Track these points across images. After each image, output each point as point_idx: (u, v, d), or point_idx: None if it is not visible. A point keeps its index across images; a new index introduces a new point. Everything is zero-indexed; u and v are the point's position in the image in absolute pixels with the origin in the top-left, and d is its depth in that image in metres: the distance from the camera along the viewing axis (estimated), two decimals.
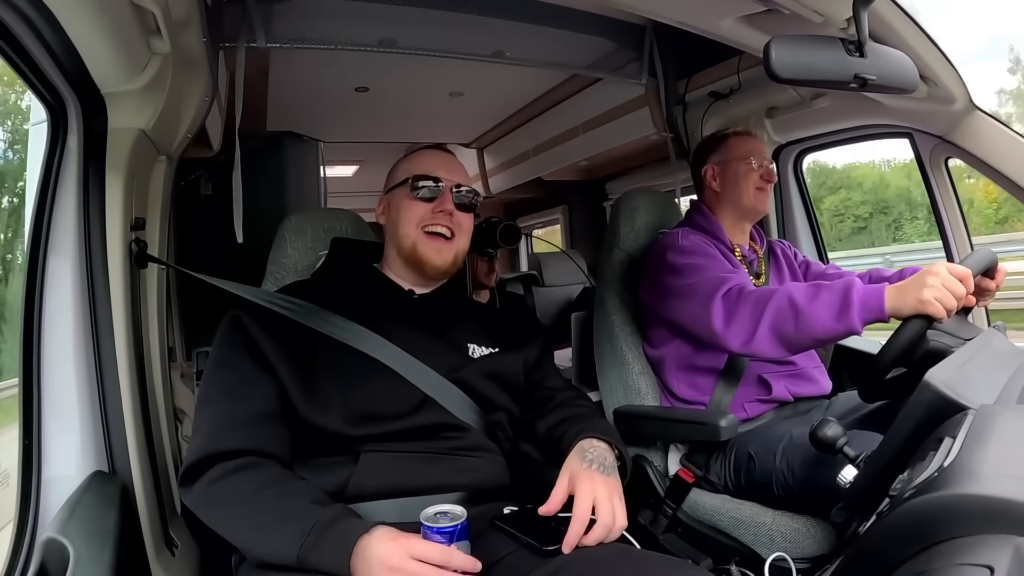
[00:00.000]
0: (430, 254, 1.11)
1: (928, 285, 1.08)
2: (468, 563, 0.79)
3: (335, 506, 0.88)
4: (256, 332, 1.01)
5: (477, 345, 1.15)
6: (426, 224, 1.11)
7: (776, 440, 1.29)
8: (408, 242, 1.12)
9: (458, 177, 1.15)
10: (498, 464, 1.09)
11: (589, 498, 0.89)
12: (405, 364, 1.05)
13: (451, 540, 0.81)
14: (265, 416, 0.97)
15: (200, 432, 0.95)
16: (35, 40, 0.87)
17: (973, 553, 0.56)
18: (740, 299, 1.29)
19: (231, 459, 0.92)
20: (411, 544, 0.79)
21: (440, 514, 0.83)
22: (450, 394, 1.06)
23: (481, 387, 1.10)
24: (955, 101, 1.42)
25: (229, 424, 0.94)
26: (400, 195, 1.14)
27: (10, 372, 1.04)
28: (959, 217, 1.63)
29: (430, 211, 1.11)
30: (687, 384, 1.51)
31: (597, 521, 0.87)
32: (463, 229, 1.14)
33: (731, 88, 1.94)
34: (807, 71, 0.95)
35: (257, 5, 1.57)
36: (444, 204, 1.12)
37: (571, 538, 0.85)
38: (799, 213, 2.08)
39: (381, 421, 1.01)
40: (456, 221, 1.12)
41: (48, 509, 0.95)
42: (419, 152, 1.19)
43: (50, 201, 1.02)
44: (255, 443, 0.94)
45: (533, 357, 1.22)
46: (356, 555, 0.79)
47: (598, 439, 1.03)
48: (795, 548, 1.25)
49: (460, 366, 1.10)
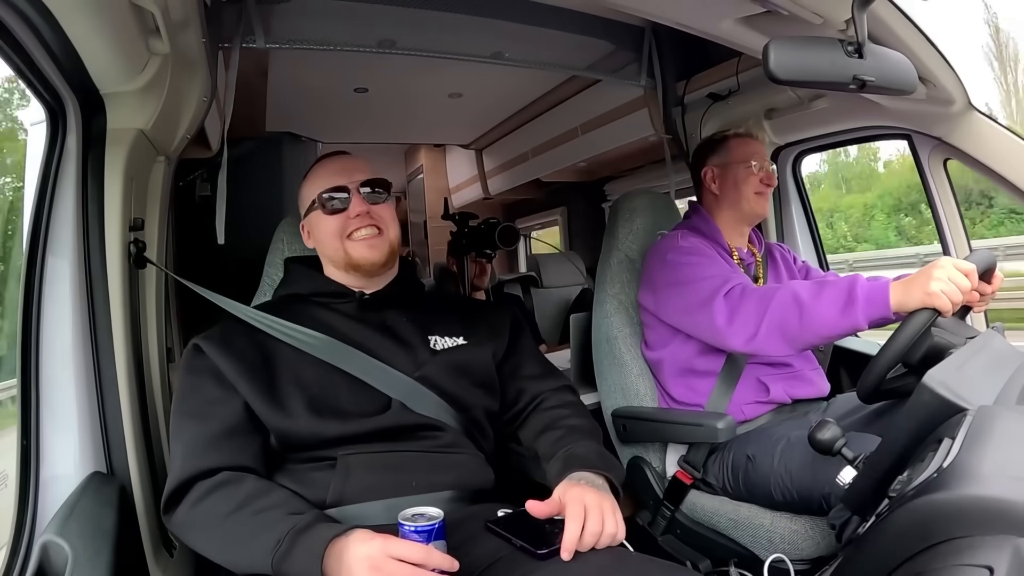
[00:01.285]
0: (363, 254, 1.12)
1: (935, 278, 1.09)
2: (446, 562, 0.79)
3: (310, 512, 0.88)
4: (216, 356, 1.03)
5: (440, 336, 1.15)
6: (348, 232, 1.12)
7: (774, 442, 1.29)
8: (339, 254, 1.13)
9: (361, 174, 1.14)
10: (478, 461, 1.08)
11: (580, 502, 0.88)
12: (366, 368, 1.06)
13: (429, 539, 0.81)
14: (235, 431, 0.98)
15: (175, 459, 0.97)
16: (34, 40, 0.87)
17: (972, 554, 0.56)
18: (743, 297, 1.28)
19: (209, 477, 0.93)
20: (389, 544, 0.79)
21: (417, 515, 0.84)
22: (417, 394, 1.06)
23: (448, 384, 1.09)
24: (954, 103, 1.42)
25: (202, 445, 0.96)
26: (315, 217, 1.15)
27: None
28: (958, 218, 1.63)
29: (347, 219, 1.12)
30: (685, 387, 1.51)
31: (585, 527, 0.86)
32: (387, 220, 1.14)
33: (730, 89, 1.93)
34: (806, 72, 0.95)
35: (256, 6, 1.57)
36: (357, 208, 1.11)
37: (568, 542, 0.84)
38: (798, 215, 2.08)
39: (349, 420, 1.02)
40: (376, 216, 1.12)
41: (46, 510, 0.95)
42: (315, 168, 1.20)
43: (48, 201, 1.02)
44: (229, 459, 0.95)
45: (503, 347, 1.20)
46: (330, 558, 0.79)
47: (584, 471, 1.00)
48: (794, 549, 1.25)
49: (423, 362, 1.10)
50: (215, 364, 1.02)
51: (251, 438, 1.00)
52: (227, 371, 1.01)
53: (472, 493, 1.05)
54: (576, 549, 0.84)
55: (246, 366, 1.02)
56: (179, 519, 0.93)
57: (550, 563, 0.83)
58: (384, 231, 1.13)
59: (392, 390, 1.06)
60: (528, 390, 1.19)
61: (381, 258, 1.13)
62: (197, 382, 1.02)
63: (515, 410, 1.19)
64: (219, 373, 1.02)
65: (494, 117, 3.11)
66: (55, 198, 1.02)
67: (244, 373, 1.01)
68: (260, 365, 1.04)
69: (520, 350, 1.23)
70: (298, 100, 2.52)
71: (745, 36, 1.31)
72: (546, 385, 1.20)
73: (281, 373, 1.04)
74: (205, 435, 0.97)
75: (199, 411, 0.99)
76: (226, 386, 1.01)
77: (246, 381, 1.01)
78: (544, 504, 0.91)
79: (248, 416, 1.00)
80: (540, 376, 1.21)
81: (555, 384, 1.21)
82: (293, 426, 1.00)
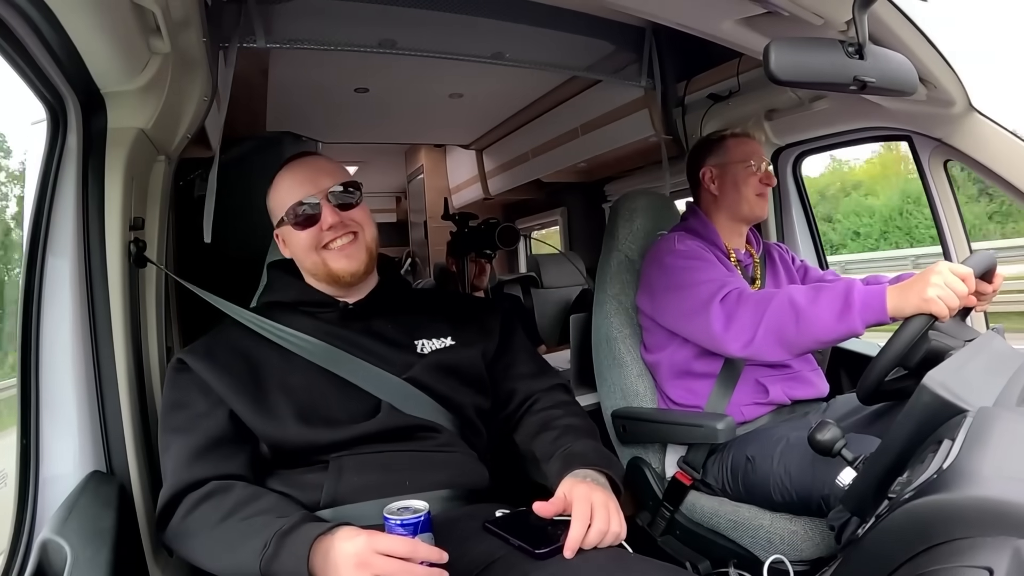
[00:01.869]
0: (342, 265, 1.10)
1: (931, 283, 1.08)
2: (433, 554, 0.79)
3: (296, 514, 0.88)
4: (201, 370, 1.02)
5: (427, 339, 1.14)
6: (323, 243, 1.09)
7: (774, 443, 1.29)
8: (318, 267, 1.11)
9: (327, 179, 1.10)
10: (471, 459, 1.08)
11: (587, 501, 0.89)
12: (354, 370, 1.06)
13: (415, 532, 0.81)
14: (222, 441, 0.99)
15: (166, 474, 0.97)
16: (35, 39, 0.87)
17: (972, 555, 0.56)
18: (740, 302, 1.28)
19: (197, 488, 0.93)
20: (375, 540, 0.79)
21: (402, 508, 0.84)
22: (407, 395, 1.06)
23: (437, 384, 1.09)
24: (954, 104, 1.42)
25: (191, 457, 0.96)
26: (287, 230, 1.12)
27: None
28: (958, 220, 1.63)
29: (319, 230, 1.09)
30: (683, 389, 1.51)
31: (592, 525, 0.86)
32: (361, 223, 1.11)
33: (730, 90, 1.94)
34: (806, 73, 0.95)
35: (257, 5, 1.57)
36: (329, 219, 1.08)
37: (572, 541, 0.84)
38: (798, 216, 2.08)
39: (339, 426, 1.02)
40: (350, 220, 1.10)
41: (45, 509, 0.95)
42: (280, 177, 1.14)
43: (49, 200, 1.02)
44: (217, 469, 0.96)
45: (493, 347, 1.19)
46: (316, 556, 0.79)
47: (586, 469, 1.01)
48: (793, 550, 1.25)
49: (411, 364, 1.09)
50: (201, 377, 1.02)
51: (239, 447, 1.00)
52: (214, 384, 1.01)
53: (466, 492, 1.05)
54: (580, 547, 0.84)
55: (232, 378, 1.02)
56: (172, 532, 0.94)
57: (548, 563, 0.83)
58: (359, 234, 1.11)
59: (381, 392, 1.05)
60: (520, 390, 1.19)
61: (359, 267, 1.11)
62: (182, 397, 1.02)
63: (507, 411, 1.19)
64: (205, 386, 1.02)
65: (494, 117, 3.11)
66: (55, 197, 1.02)
67: (231, 385, 1.01)
68: (246, 376, 1.04)
69: (512, 348, 1.22)
70: (299, 100, 2.52)
71: (746, 37, 1.31)
72: (538, 384, 1.20)
73: (268, 381, 1.04)
74: (192, 448, 0.97)
75: (185, 425, 1.00)
76: (212, 399, 1.01)
77: (233, 392, 1.01)
78: (549, 503, 0.91)
79: (235, 426, 1.00)
80: (532, 375, 1.21)
81: (548, 383, 1.21)
82: (284, 435, 1.00)
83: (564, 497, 0.92)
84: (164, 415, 1.03)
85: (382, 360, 1.08)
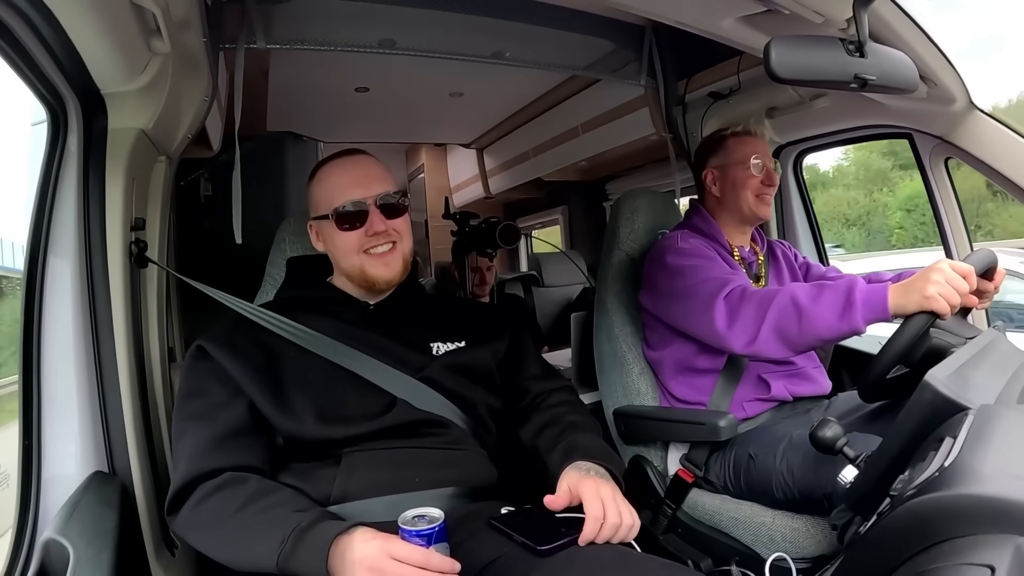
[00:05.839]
0: (379, 272, 1.10)
1: (932, 281, 1.09)
2: (446, 565, 0.79)
3: (314, 511, 0.88)
4: (221, 358, 1.02)
5: (441, 342, 1.15)
6: (365, 247, 1.10)
7: (776, 440, 1.29)
8: (355, 269, 1.11)
9: (378, 185, 1.10)
10: (481, 458, 1.09)
11: (596, 496, 0.89)
12: (370, 368, 1.06)
13: (429, 542, 0.81)
14: (240, 432, 0.99)
15: (180, 460, 0.97)
16: (35, 40, 0.87)
17: (974, 553, 0.56)
18: (742, 300, 1.28)
19: (213, 478, 0.93)
20: (390, 544, 0.79)
21: (418, 517, 0.84)
22: (420, 393, 1.07)
23: (450, 382, 1.10)
24: (955, 101, 1.42)
25: (206, 446, 0.96)
26: (329, 228, 1.11)
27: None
28: (959, 218, 1.63)
29: (363, 235, 1.09)
30: (686, 386, 1.51)
31: (605, 521, 0.87)
32: (402, 232, 1.12)
33: (731, 88, 1.93)
34: (807, 71, 0.95)
35: (257, 6, 1.57)
36: (374, 225, 1.08)
37: (587, 535, 0.85)
38: (799, 213, 2.08)
39: (354, 423, 1.02)
40: (392, 229, 1.10)
41: (48, 509, 0.95)
42: (330, 171, 1.13)
43: (50, 201, 1.02)
44: (233, 459, 0.95)
45: (503, 348, 1.20)
46: (334, 555, 0.79)
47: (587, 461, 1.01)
48: (795, 548, 1.25)
49: (425, 365, 1.10)
50: (220, 365, 1.02)
51: (255, 438, 1.00)
52: (233, 372, 1.01)
53: (474, 490, 1.05)
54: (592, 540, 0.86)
55: (252, 367, 1.02)
56: (182, 520, 0.93)
57: (551, 560, 0.84)
58: (398, 244, 1.12)
59: (396, 389, 1.06)
60: (530, 390, 1.20)
61: (395, 276, 1.12)
62: (201, 385, 1.02)
63: (517, 408, 1.20)
64: (224, 375, 1.02)
65: (495, 116, 3.11)
66: (56, 198, 1.02)
67: (250, 375, 1.01)
68: (265, 366, 1.04)
69: (521, 352, 1.24)
70: (299, 99, 2.52)
71: (746, 35, 1.31)
72: (547, 385, 1.21)
73: (287, 374, 1.04)
74: (209, 437, 0.97)
75: (203, 413, 0.99)
76: (231, 388, 1.01)
77: (252, 383, 1.01)
78: (558, 495, 0.92)
79: (252, 417, 1.00)
80: (541, 377, 1.23)
81: (555, 384, 1.22)
82: (301, 430, 1.00)
83: (569, 490, 0.92)
84: (181, 402, 1.02)
85: (398, 361, 1.09)
